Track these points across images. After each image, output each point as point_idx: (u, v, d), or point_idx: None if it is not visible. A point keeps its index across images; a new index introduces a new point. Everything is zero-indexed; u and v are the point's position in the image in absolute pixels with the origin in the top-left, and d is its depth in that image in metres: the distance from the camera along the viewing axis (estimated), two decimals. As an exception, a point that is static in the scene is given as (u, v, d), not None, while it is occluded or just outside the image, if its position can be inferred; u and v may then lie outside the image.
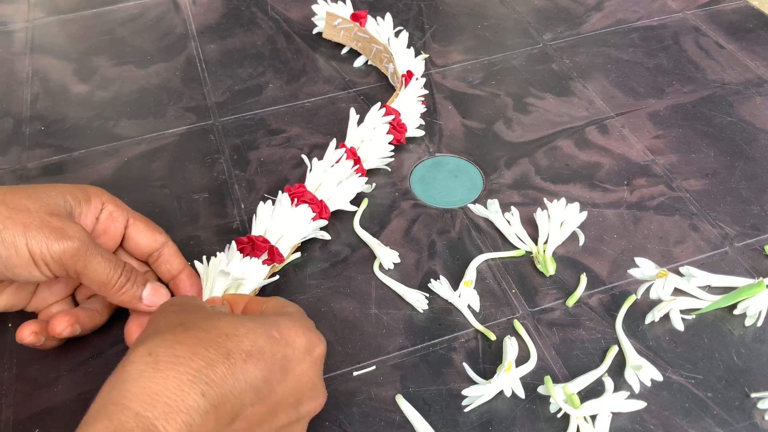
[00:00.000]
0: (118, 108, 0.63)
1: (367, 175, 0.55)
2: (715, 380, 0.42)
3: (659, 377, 0.42)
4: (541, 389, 0.42)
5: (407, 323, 0.46)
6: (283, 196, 0.49)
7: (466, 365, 0.42)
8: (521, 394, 0.41)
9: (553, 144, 0.58)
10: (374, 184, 0.55)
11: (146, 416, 0.28)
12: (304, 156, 0.52)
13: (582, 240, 0.50)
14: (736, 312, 0.46)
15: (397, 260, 0.49)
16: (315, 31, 0.71)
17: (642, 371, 0.42)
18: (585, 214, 0.51)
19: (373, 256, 0.50)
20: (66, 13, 0.76)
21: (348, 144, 0.53)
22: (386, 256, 0.49)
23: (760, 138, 0.59)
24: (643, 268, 0.47)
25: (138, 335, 0.35)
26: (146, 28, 0.73)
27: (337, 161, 0.52)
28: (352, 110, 0.55)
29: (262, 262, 0.46)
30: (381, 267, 0.49)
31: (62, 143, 0.60)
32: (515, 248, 0.50)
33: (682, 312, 0.46)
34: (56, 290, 0.44)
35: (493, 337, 0.45)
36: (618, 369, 0.43)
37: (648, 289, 0.46)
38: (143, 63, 0.69)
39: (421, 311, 0.46)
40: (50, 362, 0.44)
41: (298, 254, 0.50)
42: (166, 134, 0.61)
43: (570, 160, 0.57)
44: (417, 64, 0.61)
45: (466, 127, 0.61)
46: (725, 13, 0.73)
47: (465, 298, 0.46)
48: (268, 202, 0.49)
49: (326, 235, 0.50)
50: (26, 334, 0.41)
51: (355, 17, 0.66)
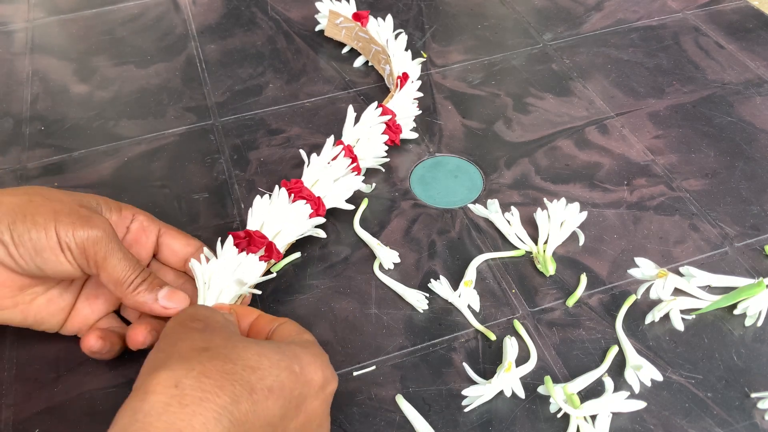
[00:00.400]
0: (118, 108, 0.63)
1: (366, 175, 0.55)
2: (715, 380, 0.42)
3: (659, 377, 0.42)
4: (541, 389, 0.42)
5: (407, 323, 0.46)
6: (281, 191, 0.48)
7: (466, 365, 0.42)
8: (521, 394, 0.41)
9: (553, 144, 0.58)
10: (374, 184, 0.55)
11: None
12: (301, 151, 0.52)
13: (582, 240, 0.50)
14: (736, 312, 0.46)
15: (397, 260, 0.49)
16: (317, 28, 0.71)
17: (642, 371, 0.42)
18: (585, 214, 0.51)
19: (373, 256, 0.50)
20: (66, 13, 0.76)
21: (344, 142, 0.53)
22: (386, 256, 0.49)
23: (760, 138, 0.59)
24: (643, 268, 0.47)
25: (155, 353, 0.33)
26: (146, 28, 0.73)
27: (334, 158, 0.51)
28: (350, 107, 0.54)
29: (259, 258, 0.45)
30: (381, 267, 0.49)
31: (62, 143, 0.60)
32: (515, 248, 0.50)
33: (682, 312, 0.46)
34: (96, 306, 0.44)
35: (493, 337, 0.45)
36: (618, 369, 0.43)
37: (648, 289, 0.46)
38: (143, 63, 0.69)
39: (421, 311, 0.46)
40: (50, 362, 0.44)
41: (298, 254, 0.50)
42: (166, 134, 0.61)
43: (570, 160, 0.57)
44: (413, 67, 0.61)
45: (466, 127, 0.61)
46: (725, 13, 0.73)
47: (465, 298, 0.46)
48: (265, 196, 0.48)
49: (321, 233, 0.50)
50: (93, 340, 0.41)
51: (356, 17, 0.66)
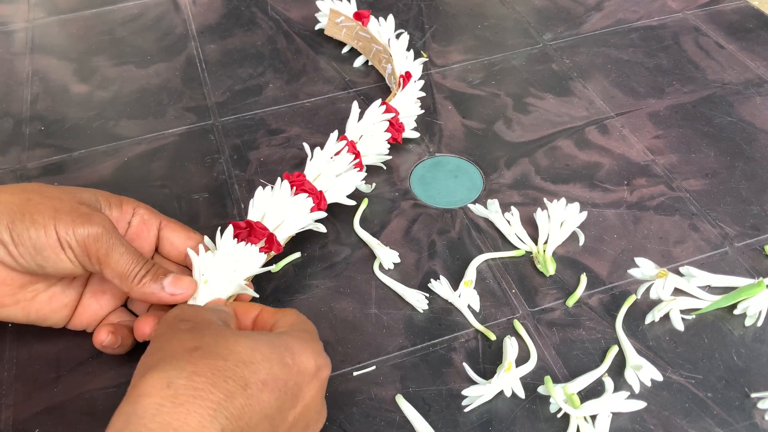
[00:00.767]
0: (118, 108, 0.63)
1: (367, 174, 0.55)
2: (715, 380, 0.42)
3: (659, 377, 0.42)
4: (541, 389, 0.42)
5: (407, 323, 0.46)
6: (283, 183, 0.48)
7: (466, 365, 0.42)
8: (521, 394, 0.41)
9: (553, 144, 0.58)
10: (374, 184, 0.55)
11: None
12: (305, 144, 0.52)
13: (582, 240, 0.50)
14: (736, 312, 0.46)
15: (397, 260, 0.49)
16: (317, 27, 0.71)
17: (642, 371, 0.42)
18: (585, 214, 0.51)
19: (373, 256, 0.50)
20: (66, 13, 0.76)
21: (348, 137, 0.53)
22: (386, 256, 0.49)
23: (760, 138, 0.59)
24: (643, 268, 0.47)
25: (146, 356, 0.33)
26: (146, 28, 0.73)
27: (337, 153, 0.51)
28: (355, 103, 0.54)
29: (259, 250, 0.45)
30: (381, 267, 0.49)
31: (62, 143, 0.60)
32: (515, 248, 0.50)
33: (682, 312, 0.46)
34: (104, 302, 0.44)
35: (493, 337, 0.45)
36: (618, 369, 0.43)
37: (648, 289, 0.46)
38: (143, 63, 0.69)
39: (421, 311, 0.46)
40: (50, 362, 0.44)
41: (298, 254, 0.50)
42: (166, 134, 0.61)
43: (570, 160, 0.57)
44: (415, 67, 0.61)
45: (466, 127, 0.61)
46: (725, 13, 0.73)
47: (465, 298, 0.46)
48: (267, 188, 0.48)
49: (322, 228, 0.50)
50: (104, 335, 0.41)
51: (357, 16, 0.66)
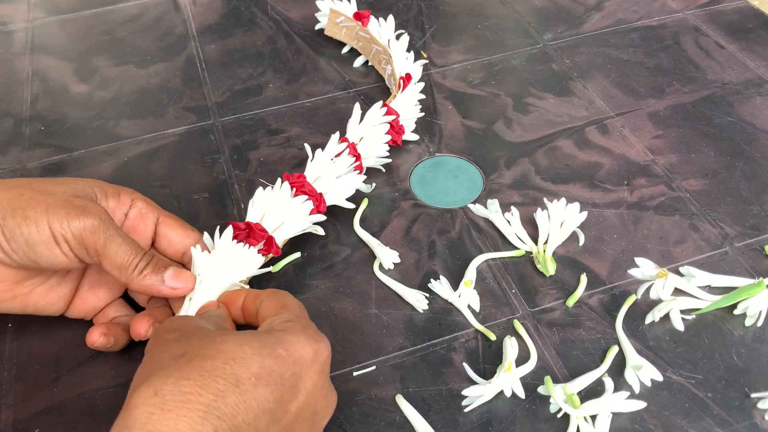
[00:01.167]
0: (118, 108, 0.63)
1: (366, 175, 0.55)
2: (715, 380, 0.42)
3: (659, 377, 0.42)
4: (541, 389, 0.42)
5: (407, 323, 0.46)
6: (283, 185, 0.48)
7: (466, 365, 0.42)
8: (521, 394, 0.41)
9: (553, 144, 0.58)
10: (374, 184, 0.55)
11: None
12: (306, 145, 0.52)
13: (582, 240, 0.50)
14: (736, 312, 0.46)
15: (397, 260, 0.49)
16: (317, 27, 0.71)
17: (642, 371, 0.42)
18: (585, 214, 0.51)
19: (373, 256, 0.50)
20: (66, 13, 0.76)
21: (349, 138, 0.53)
22: (386, 256, 0.49)
23: (760, 138, 0.59)
24: (643, 268, 0.47)
25: (139, 370, 0.33)
26: (146, 28, 0.73)
27: (338, 155, 0.51)
28: (357, 105, 0.54)
29: (257, 251, 0.45)
30: (381, 267, 0.49)
31: (62, 143, 0.60)
32: (515, 248, 0.50)
33: (682, 312, 0.46)
34: (102, 294, 0.43)
35: (493, 337, 0.45)
36: (618, 369, 0.43)
37: (648, 289, 0.46)
38: (143, 63, 0.69)
39: (421, 311, 0.46)
40: (50, 362, 0.44)
41: (298, 254, 0.50)
42: (166, 134, 0.61)
43: (570, 160, 0.57)
44: (415, 68, 0.61)
45: (466, 127, 0.61)
46: (725, 13, 0.73)
47: (465, 298, 0.46)
48: (267, 188, 0.48)
49: (320, 230, 0.50)
50: (96, 336, 0.41)
51: (358, 16, 0.65)
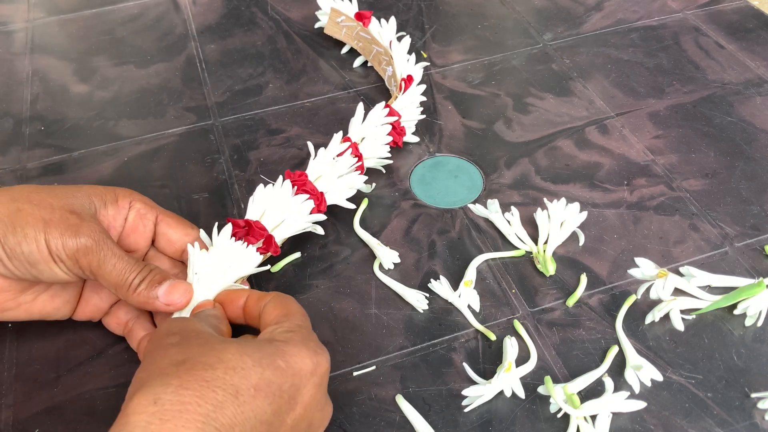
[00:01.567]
0: (118, 108, 0.63)
1: (366, 175, 0.55)
2: (715, 380, 0.42)
3: (659, 377, 0.42)
4: (541, 389, 0.42)
5: (407, 323, 0.46)
6: (285, 183, 0.47)
7: (466, 365, 0.42)
8: (521, 394, 0.41)
9: (553, 144, 0.58)
10: (374, 184, 0.55)
11: None
12: (309, 143, 0.52)
13: (582, 240, 0.50)
14: (736, 312, 0.46)
15: (397, 260, 0.49)
16: (317, 25, 0.71)
17: (642, 371, 0.42)
18: (585, 214, 0.51)
19: (373, 256, 0.50)
20: (66, 13, 0.76)
21: (351, 138, 0.53)
22: (386, 256, 0.49)
23: (760, 138, 0.59)
24: (643, 268, 0.47)
25: (137, 374, 0.33)
26: (146, 28, 0.73)
27: (340, 155, 0.51)
28: (360, 105, 0.54)
29: (256, 250, 0.45)
30: (381, 267, 0.49)
31: (62, 143, 0.60)
32: (515, 248, 0.50)
33: (682, 312, 0.46)
34: (104, 295, 0.44)
35: (493, 337, 0.45)
36: (618, 369, 0.43)
37: (648, 289, 0.46)
38: (143, 63, 0.69)
39: (421, 311, 0.46)
40: (50, 362, 0.44)
41: (298, 254, 0.50)
42: (166, 134, 0.61)
43: (570, 160, 0.57)
44: (416, 70, 0.61)
45: (466, 127, 0.60)
46: (725, 13, 0.73)
47: (465, 298, 0.46)
48: (268, 186, 0.47)
49: (320, 229, 0.50)
50: (114, 326, 0.44)
51: (359, 16, 0.65)
